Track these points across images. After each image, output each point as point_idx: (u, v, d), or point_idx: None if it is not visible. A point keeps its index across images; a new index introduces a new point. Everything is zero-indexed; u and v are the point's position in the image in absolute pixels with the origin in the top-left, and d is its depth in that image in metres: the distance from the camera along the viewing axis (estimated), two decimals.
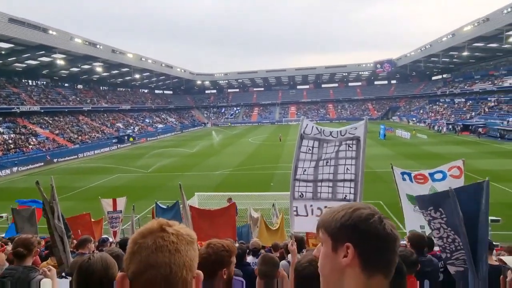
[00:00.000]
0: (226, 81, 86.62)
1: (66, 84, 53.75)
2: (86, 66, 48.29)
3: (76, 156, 35.09)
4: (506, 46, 43.12)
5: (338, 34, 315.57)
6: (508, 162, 22.32)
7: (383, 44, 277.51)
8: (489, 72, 52.19)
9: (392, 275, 0.82)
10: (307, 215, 3.19)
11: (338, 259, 0.81)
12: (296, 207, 3.23)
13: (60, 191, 19.92)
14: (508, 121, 36.64)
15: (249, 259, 4.56)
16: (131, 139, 45.89)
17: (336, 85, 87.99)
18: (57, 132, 39.55)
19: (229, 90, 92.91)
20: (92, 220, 9.12)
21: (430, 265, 3.14)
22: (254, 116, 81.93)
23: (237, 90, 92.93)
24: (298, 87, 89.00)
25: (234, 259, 1.86)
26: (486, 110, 44.47)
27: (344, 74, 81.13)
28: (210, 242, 1.87)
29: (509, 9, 34.30)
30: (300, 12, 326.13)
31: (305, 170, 3.21)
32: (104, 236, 6.14)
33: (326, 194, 3.14)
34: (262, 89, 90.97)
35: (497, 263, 3.23)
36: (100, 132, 45.39)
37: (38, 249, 3.07)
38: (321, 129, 3.24)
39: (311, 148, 3.22)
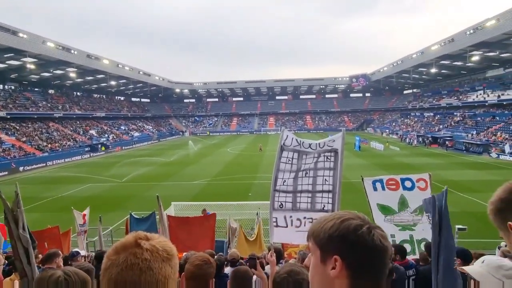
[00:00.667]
0: (205, 90, 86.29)
1: (36, 89, 51.22)
2: (58, 71, 46.39)
3: (44, 165, 33.29)
4: (469, 64, 46.34)
5: (316, 48, 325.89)
6: (473, 173, 23.67)
7: (358, 58, 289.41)
8: (454, 89, 55.69)
9: (382, 287, 0.80)
10: (286, 226, 3.22)
11: (326, 270, 0.80)
12: (276, 218, 3.25)
13: (25, 201, 18.70)
14: (472, 134, 39.06)
15: (227, 270, 4.49)
16: (102, 148, 43.99)
17: (313, 96, 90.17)
18: (24, 139, 37.42)
19: (208, 100, 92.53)
20: (61, 232, 8.66)
21: (396, 273, 3.27)
22: (233, 125, 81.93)
23: (216, 99, 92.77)
24: (277, 97, 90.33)
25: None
26: (453, 124, 47.23)
27: (321, 86, 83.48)
28: (193, 260, 1.85)
29: (471, 31, 37.01)
30: (279, 25, 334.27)
31: (285, 181, 3.25)
32: (74, 250, 5.82)
33: (305, 205, 3.19)
34: (242, 99, 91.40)
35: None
36: (71, 140, 43.44)
37: (2, 265, 2.87)
38: (300, 141, 3.31)
39: (290, 159, 3.27)
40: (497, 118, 40.35)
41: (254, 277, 2.66)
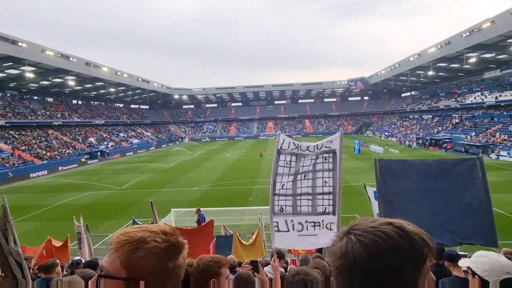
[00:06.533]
0: (204, 96, 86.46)
1: (35, 97, 51.23)
2: (57, 79, 46.45)
3: (43, 173, 33.19)
4: (466, 66, 46.58)
5: (314, 51, 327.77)
6: None
7: (356, 62, 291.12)
8: (452, 90, 55.90)
9: None
10: (288, 231, 3.18)
11: None
12: (277, 222, 3.21)
13: (25, 210, 18.61)
14: (471, 136, 39.10)
15: None
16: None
17: (312, 100, 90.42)
18: (23, 148, 37.35)
19: (207, 105, 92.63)
20: (59, 243, 8.17)
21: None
22: (232, 130, 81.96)
23: (215, 105, 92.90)
24: (276, 102, 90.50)
25: (225, 271, 1.80)
26: (451, 126, 47.32)
27: (319, 90, 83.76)
28: (201, 256, 1.85)
29: (467, 33, 37.25)
30: (277, 29, 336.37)
31: (284, 184, 3.22)
32: (78, 258, 5.76)
33: (306, 208, 3.16)
34: (240, 104, 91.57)
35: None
36: (70, 148, 43.36)
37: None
38: (297, 144, 3.29)
39: (288, 163, 3.25)
40: (495, 119, 40.44)
41: (256, 280, 2.62)
